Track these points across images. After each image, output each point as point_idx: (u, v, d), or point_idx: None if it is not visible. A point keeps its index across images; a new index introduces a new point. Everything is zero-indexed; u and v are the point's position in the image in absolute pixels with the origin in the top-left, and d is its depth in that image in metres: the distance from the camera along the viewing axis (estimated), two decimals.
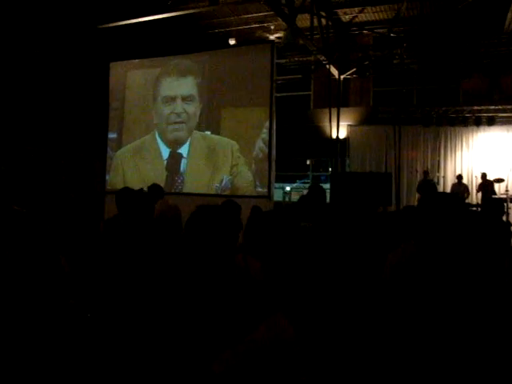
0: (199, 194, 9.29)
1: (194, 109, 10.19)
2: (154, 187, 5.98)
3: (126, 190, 4.40)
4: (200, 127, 10.08)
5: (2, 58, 9.18)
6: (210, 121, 10.03)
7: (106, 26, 9.44)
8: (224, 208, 3.63)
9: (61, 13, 9.00)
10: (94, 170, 11.12)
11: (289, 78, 11.66)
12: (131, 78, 11.11)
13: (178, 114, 10.27)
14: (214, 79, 10.09)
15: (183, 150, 10.21)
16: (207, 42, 10.49)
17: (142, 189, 6.95)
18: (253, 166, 9.56)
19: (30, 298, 2.11)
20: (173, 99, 10.36)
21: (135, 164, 10.79)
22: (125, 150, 10.98)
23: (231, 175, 9.67)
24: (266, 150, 9.44)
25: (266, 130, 9.50)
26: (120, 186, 9.84)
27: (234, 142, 9.70)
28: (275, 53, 9.66)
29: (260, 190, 9.47)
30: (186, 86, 10.35)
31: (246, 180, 9.59)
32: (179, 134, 10.26)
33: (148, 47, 10.48)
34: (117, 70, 11.25)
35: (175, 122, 10.31)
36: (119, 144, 11.16)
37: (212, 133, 9.97)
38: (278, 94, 10.44)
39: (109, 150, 11.25)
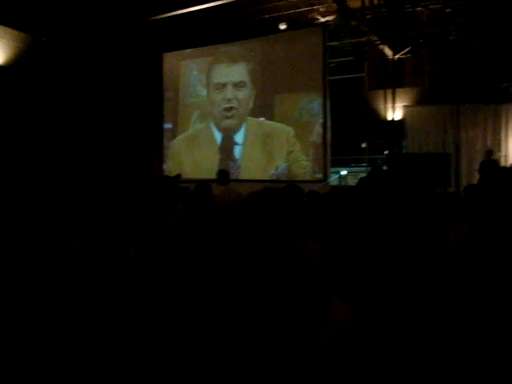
0: (255, 181, 9.31)
1: (245, 95, 10.22)
2: (220, 173, 6.03)
3: (164, 178, 4.50)
4: (254, 113, 10.10)
5: (59, 54, 9.46)
6: (263, 107, 10.04)
7: (157, 17, 9.57)
8: (287, 192, 3.64)
9: (113, 7, 9.16)
10: (151, 161, 11.34)
11: (341, 60, 11.47)
12: (184, 67, 11.26)
13: (229, 100, 10.32)
14: (266, 65, 10.08)
15: (238, 137, 10.32)
16: (258, 28, 10.43)
17: (179, 175, 7.06)
18: (308, 151, 9.52)
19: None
20: (224, 86, 10.43)
21: (190, 152, 10.96)
22: (180, 139, 11.20)
23: (287, 162, 9.66)
24: (322, 135, 9.39)
25: (320, 115, 9.43)
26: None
27: (289, 128, 9.71)
28: (327, 36, 9.54)
29: (316, 175, 9.43)
30: (236, 72, 10.42)
31: (302, 166, 9.56)
32: (231, 120, 10.37)
33: (199, 36, 10.55)
34: (170, 60, 11.43)
35: (226, 109, 10.38)
36: (174, 134, 11.37)
37: (266, 119, 9.98)
38: (331, 78, 10.30)
39: (165, 140, 11.48)
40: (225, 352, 1.48)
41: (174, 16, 9.49)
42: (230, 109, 10.40)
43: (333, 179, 11.27)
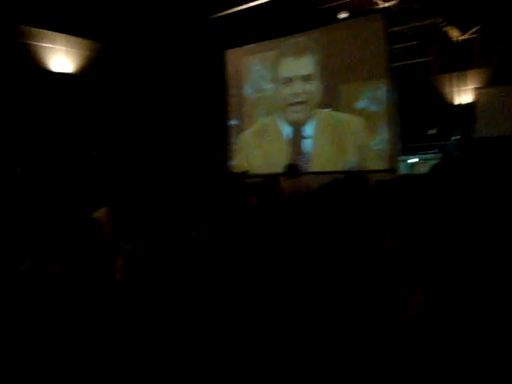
0: (326, 173, 9.20)
1: (314, 87, 10.10)
2: (289, 167, 6.02)
3: (230, 175, 4.51)
4: (321, 105, 9.97)
5: (124, 58, 9.71)
6: (329, 98, 9.90)
7: (218, 15, 9.65)
8: (352, 181, 3.57)
9: (173, 9, 9.31)
10: (218, 158, 11.46)
11: (405, 45, 11.14)
12: (247, 63, 11.27)
13: (298, 95, 10.21)
14: (330, 55, 9.93)
15: (307, 130, 10.21)
16: (317, 19, 10.30)
17: (246, 171, 7.07)
18: (375, 140, 9.34)
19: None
20: (291, 80, 10.36)
21: (259, 146, 10.96)
22: (247, 134, 11.21)
23: (358, 153, 9.50)
24: (388, 123, 9.19)
25: (385, 103, 9.23)
26: (245, 167, 10.11)
27: (359, 119, 9.52)
28: (388, 21, 9.32)
29: (384, 164, 9.24)
30: (303, 65, 10.29)
31: (371, 156, 9.39)
32: (300, 114, 10.26)
33: (260, 31, 10.54)
34: (232, 57, 11.47)
35: (295, 103, 10.30)
36: (241, 130, 11.41)
37: (333, 110, 9.84)
38: (395, 64, 10.03)
39: (231, 136, 11.56)
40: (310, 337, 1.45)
41: (234, 13, 9.55)
42: (299, 103, 10.32)
43: (402, 168, 10.99)
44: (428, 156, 12.02)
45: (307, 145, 10.25)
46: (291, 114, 10.42)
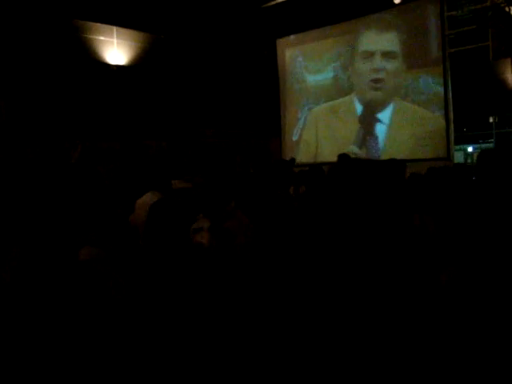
0: None
1: (394, 68, 9.72)
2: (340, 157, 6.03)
3: (278, 161, 4.53)
4: (377, 93, 9.76)
5: (177, 49, 9.90)
6: (391, 86, 9.65)
7: (270, 4, 9.67)
8: (387, 167, 3.54)
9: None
10: (269, 149, 11.50)
11: (463, 30, 10.77)
12: (290, 54, 11.19)
13: (377, 71, 9.89)
14: (385, 42, 9.73)
15: (383, 114, 9.90)
16: (372, 5, 10.12)
17: (293, 159, 7.05)
18: (432, 127, 9.10)
19: None
20: (372, 54, 10.00)
21: (329, 122, 10.77)
22: (321, 108, 11.01)
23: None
24: (444, 110, 8.95)
25: (442, 89, 8.98)
26: (313, 142, 9.97)
27: (439, 116, 9.22)
28: (445, 5, 9.05)
29: (439, 152, 9.01)
30: (386, 40, 9.88)
31: (427, 143, 9.15)
32: (378, 93, 9.89)
33: (312, 19, 10.45)
34: (285, 46, 11.42)
35: (374, 80, 9.95)
36: (284, 121, 11.39)
37: (394, 97, 9.57)
38: (452, 50, 9.73)
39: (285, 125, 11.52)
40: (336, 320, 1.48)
41: (285, 1, 9.55)
42: (378, 80, 9.88)
43: (458, 157, 10.71)
44: (487, 145, 11.65)
45: (380, 130, 9.92)
46: (369, 91, 9.99)
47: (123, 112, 9.12)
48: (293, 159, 7.26)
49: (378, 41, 9.94)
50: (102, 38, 8.99)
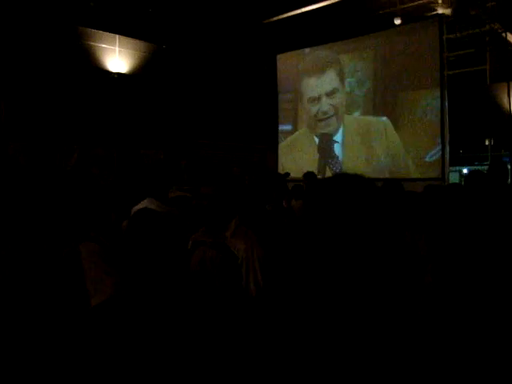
0: None
1: (339, 99, 10.33)
2: (307, 175, 6.11)
3: (274, 175, 4.58)
4: (375, 111, 9.89)
5: (178, 60, 9.99)
6: (384, 105, 9.79)
7: (271, 20, 9.77)
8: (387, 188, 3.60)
9: (227, 12, 9.49)
10: (266, 162, 11.55)
11: (460, 53, 10.89)
12: (302, 68, 11.30)
13: (325, 112, 10.50)
14: (383, 62, 9.85)
15: (337, 137, 10.42)
16: (372, 25, 10.25)
17: (287, 173, 7.13)
18: (427, 148, 9.20)
19: None
20: (317, 99, 10.70)
21: (292, 156, 11.23)
22: (285, 143, 11.58)
23: (387, 156, 9.46)
24: (440, 132, 9.04)
25: (439, 111, 9.08)
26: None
27: (385, 120, 9.62)
28: (444, 28, 9.17)
29: (434, 172, 9.08)
30: (327, 81, 10.53)
31: (422, 163, 9.26)
32: (330, 128, 10.49)
33: (315, 35, 10.56)
34: (286, 61, 11.51)
35: (323, 119, 10.58)
36: (291, 134, 11.53)
37: (388, 117, 9.72)
38: (450, 72, 9.84)
39: (281, 141, 11.65)
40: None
41: (287, 17, 9.64)
42: (326, 119, 10.50)
43: (453, 178, 10.78)
44: (482, 167, 11.73)
45: (337, 151, 10.40)
46: (321, 128, 10.66)
47: (122, 120, 9.17)
48: (287, 173, 7.30)
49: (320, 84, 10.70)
50: (104, 45, 9.06)
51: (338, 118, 10.33)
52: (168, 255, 2.60)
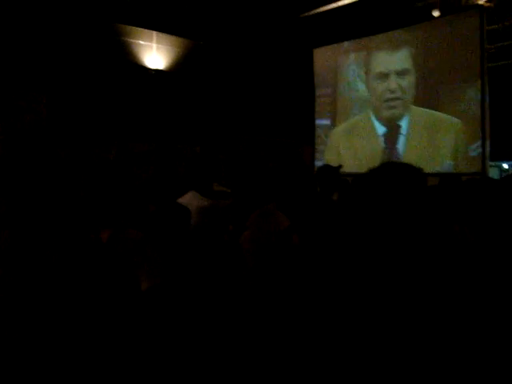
0: None
1: (409, 83, 9.80)
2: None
3: (326, 167, 4.53)
4: (417, 103, 9.68)
5: (215, 56, 10.04)
6: (426, 97, 9.60)
7: (308, 14, 9.72)
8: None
9: (263, 7, 9.49)
10: (303, 156, 11.52)
11: (504, 44, 10.63)
12: (340, 62, 11.16)
13: (393, 91, 9.96)
14: (426, 53, 9.66)
15: (401, 127, 9.92)
16: (411, 16, 10.10)
17: (340, 165, 7.00)
18: (466, 143, 9.02)
19: None
20: (386, 75, 10.10)
21: (350, 142, 10.79)
22: (338, 130, 11.07)
23: (454, 158, 9.15)
24: (480, 126, 8.84)
25: (479, 104, 8.87)
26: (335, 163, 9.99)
27: (457, 121, 9.15)
28: (485, 19, 8.96)
29: (473, 167, 8.89)
30: (399, 59, 9.97)
31: (462, 158, 9.06)
32: (395, 110, 9.97)
33: (352, 29, 10.46)
34: (322, 55, 11.40)
35: (390, 99, 10.02)
36: (330, 129, 11.32)
37: (417, 106, 9.53)
38: (491, 64, 9.63)
39: (322, 135, 11.46)
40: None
41: (324, 12, 9.58)
42: (394, 99, 9.97)
43: (493, 173, 10.57)
44: None
45: (401, 143, 9.89)
46: (386, 110, 10.07)
47: (160, 115, 9.27)
48: (339, 166, 7.14)
49: (390, 61, 10.06)
50: (141, 42, 9.15)
51: (404, 104, 9.87)
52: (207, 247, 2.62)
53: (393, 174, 1.68)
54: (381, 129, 10.23)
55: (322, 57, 11.43)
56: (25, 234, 1.82)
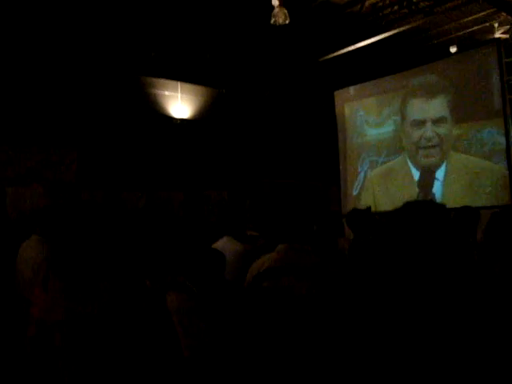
0: None
1: (446, 130, 9.63)
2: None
3: (355, 211, 4.58)
4: (455, 148, 9.55)
5: (237, 102, 10.28)
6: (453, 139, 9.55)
7: (326, 57, 9.93)
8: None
9: (283, 52, 9.74)
10: (329, 196, 11.54)
11: None
12: (349, 108, 11.29)
13: (429, 139, 9.84)
14: (443, 91, 9.68)
15: (438, 173, 9.76)
16: (427, 55, 10.24)
17: (369, 207, 6.95)
18: (494, 178, 8.91)
19: None
20: (422, 123, 9.96)
21: (385, 185, 10.70)
22: (376, 172, 11.00)
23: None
24: (506, 160, 8.75)
25: (504, 138, 8.81)
26: (372, 205, 9.89)
27: (500, 167, 8.94)
28: (503, 52, 9.02)
29: (502, 201, 8.77)
30: (435, 107, 9.83)
31: (491, 191, 8.94)
32: (431, 159, 9.82)
33: (370, 71, 10.63)
34: (342, 98, 11.54)
35: (426, 147, 9.89)
36: (344, 176, 11.36)
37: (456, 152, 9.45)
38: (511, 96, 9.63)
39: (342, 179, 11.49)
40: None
41: (342, 54, 9.77)
42: (430, 147, 9.79)
43: None
44: None
45: (438, 188, 9.70)
46: (422, 158, 9.90)
47: (186, 163, 9.46)
48: (369, 208, 7.10)
49: (427, 108, 9.90)
50: (167, 92, 9.44)
51: (441, 150, 9.66)
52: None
53: (415, 211, 1.73)
54: (417, 174, 10.16)
55: (343, 99, 11.55)
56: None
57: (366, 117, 11.04)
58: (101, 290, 1.86)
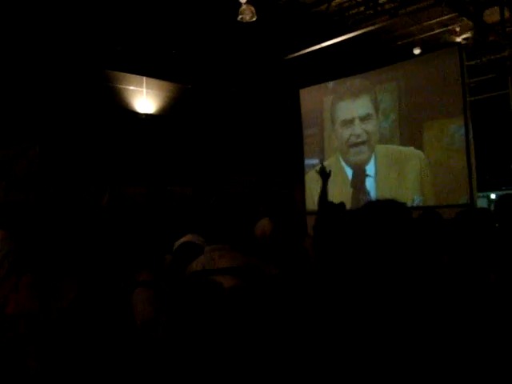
0: None
1: (373, 127, 10.18)
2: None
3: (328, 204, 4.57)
4: (402, 142, 9.87)
5: (202, 98, 10.24)
6: (410, 136, 9.77)
7: (292, 56, 9.99)
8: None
9: (249, 49, 9.75)
10: (293, 195, 11.58)
11: (482, 79, 10.95)
12: (326, 102, 11.41)
13: (358, 136, 10.33)
14: (405, 92, 9.89)
15: (368, 168, 10.19)
16: (391, 56, 10.40)
17: (342, 203, 6.97)
18: (453, 176, 9.15)
19: None
20: (350, 121, 10.50)
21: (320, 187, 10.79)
22: (311, 174, 11.16)
23: (422, 191, 9.33)
24: (466, 158, 8.99)
25: (464, 137, 9.05)
26: (313, 207, 10.08)
27: (419, 152, 9.47)
28: (464, 55, 9.24)
29: (461, 199, 9.01)
30: (361, 105, 10.39)
31: (449, 190, 9.20)
32: (361, 156, 10.33)
33: (333, 70, 10.73)
34: (308, 96, 11.63)
35: (355, 144, 10.40)
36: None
37: (415, 148, 9.68)
38: (472, 98, 9.89)
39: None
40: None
41: (307, 53, 9.83)
42: (358, 144, 10.35)
43: (482, 203, 10.72)
44: (510, 191, 11.63)
45: (369, 184, 10.16)
46: (353, 155, 10.46)
47: (150, 159, 9.38)
48: (342, 203, 7.09)
49: (354, 108, 10.51)
50: (132, 87, 9.34)
51: (370, 146, 10.19)
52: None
53: (379, 211, 1.73)
54: (349, 172, 10.62)
55: (308, 97, 11.66)
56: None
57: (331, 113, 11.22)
58: (65, 286, 1.87)
